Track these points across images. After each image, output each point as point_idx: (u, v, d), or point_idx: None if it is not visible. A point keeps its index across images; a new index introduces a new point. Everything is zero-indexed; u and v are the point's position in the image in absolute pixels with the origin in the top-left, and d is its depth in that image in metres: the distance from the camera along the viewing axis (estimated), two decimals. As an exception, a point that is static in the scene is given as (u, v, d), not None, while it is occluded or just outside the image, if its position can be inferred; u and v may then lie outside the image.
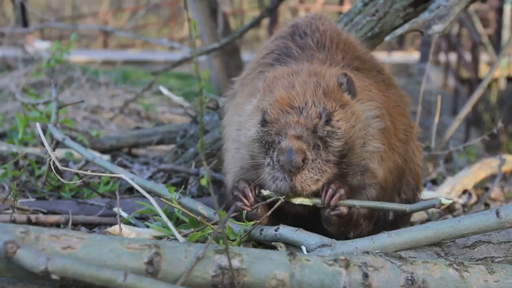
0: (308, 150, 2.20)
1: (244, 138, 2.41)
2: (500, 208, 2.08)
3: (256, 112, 2.41)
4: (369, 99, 2.50)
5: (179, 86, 10.06)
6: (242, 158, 2.44)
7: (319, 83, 2.37)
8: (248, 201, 2.32)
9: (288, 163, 2.15)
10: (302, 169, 2.18)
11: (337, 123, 2.31)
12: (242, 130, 2.44)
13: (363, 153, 2.38)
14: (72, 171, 2.73)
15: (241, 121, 2.48)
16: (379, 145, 2.43)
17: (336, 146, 2.27)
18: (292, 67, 2.54)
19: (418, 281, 1.88)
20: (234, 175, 2.52)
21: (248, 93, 2.63)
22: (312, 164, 2.20)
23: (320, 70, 2.46)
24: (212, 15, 6.61)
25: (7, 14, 17.47)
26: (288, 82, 2.39)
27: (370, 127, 2.42)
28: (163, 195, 2.46)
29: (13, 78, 7.01)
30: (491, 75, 4.29)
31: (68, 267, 1.61)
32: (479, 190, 4.26)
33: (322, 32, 2.76)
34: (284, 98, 2.33)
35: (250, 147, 2.37)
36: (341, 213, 2.27)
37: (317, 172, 2.21)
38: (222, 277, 1.77)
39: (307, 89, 2.34)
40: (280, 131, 2.27)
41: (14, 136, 3.93)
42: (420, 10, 3.28)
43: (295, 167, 2.15)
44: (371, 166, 2.41)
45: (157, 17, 26.87)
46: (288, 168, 2.16)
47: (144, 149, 4.68)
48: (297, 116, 2.28)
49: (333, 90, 2.38)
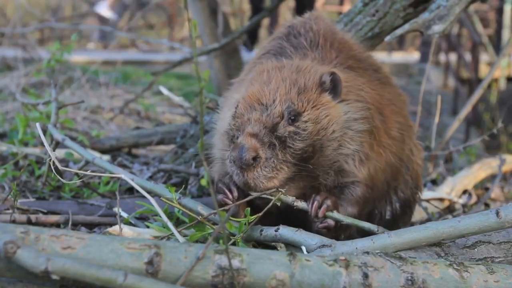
0: (261, 148, 2.21)
1: (220, 130, 2.46)
2: (500, 208, 2.08)
3: (235, 104, 2.44)
4: (357, 99, 2.48)
5: (179, 86, 10.05)
6: (220, 150, 2.47)
7: (296, 81, 2.37)
8: (232, 195, 2.32)
9: (239, 159, 2.18)
10: (253, 167, 2.20)
11: (303, 124, 2.30)
12: (223, 122, 2.49)
13: (336, 155, 2.36)
14: (72, 171, 2.74)
15: (226, 112, 2.52)
16: (358, 147, 2.40)
17: (298, 147, 2.27)
18: (282, 62, 2.53)
19: (418, 281, 1.88)
20: (217, 166, 2.54)
21: (241, 89, 2.65)
22: (265, 162, 2.21)
23: (306, 67, 2.45)
24: (212, 15, 6.60)
25: (7, 14, 17.48)
26: (267, 77, 2.40)
27: (350, 129, 2.39)
28: (163, 195, 2.46)
29: (13, 78, 7.01)
30: (491, 75, 4.29)
31: (68, 267, 1.61)
32: (479, 190, 4.26)
33: (315, 32, 2.76)
34: (255, 94, 2.35)
35: (222, 140, 2.42)
36: (329, 225, 2.28)
37: (271, 170, 2.22)
38: (222, 277, 1.77)
39: (281, 87, 2.34)
40: (240, 127, 2.30)
41: (14, 136, 3.93)
42: (420, 10, 3.29)
43: (245, 164, 2.18)
44: (346, 168, 2.39)
45: (157, 17, 26.86)
46: (239, 164, 2.19)
47: (144, 149, 4.68)
48: (260, 114, 2.29)
49: (310, 89, 2.37)
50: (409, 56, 18.65)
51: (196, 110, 4.53)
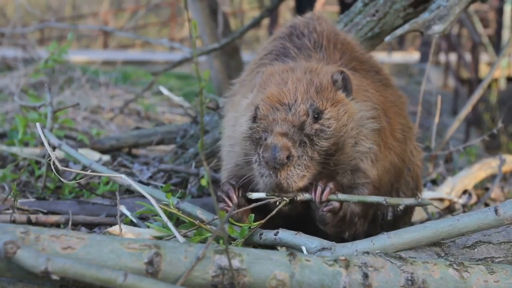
0: (293, 147, 2.20)
1: (238, 134, 2.42)
2: (498, 206, 2.08)
3: (250, 108, 2.42)
4: (365, 99, 2.50)
5: (179, 86, 10.05)
6: (236, 154, 2.45)
7: (312, 81, 2.37)
8: (232, 202, 2.32)
9: (273, 160, 2.15)
10: (287, 166, 2.18)
11: (327, 122, 2.30)
12: (236, 127, 2.45)
13: (353, 153, 2.38)
14: (72, 171, 2.73)
15: (236, 117, 2.50)
16: (372, 145, 2.42)
17: (324, 145, 2.27)
18: (289, 64, 2.54)
19: (418, 282, 1.88)
20: (228, 172, 2.53)
21: (246, 91, 2.65)
22: (297, 161, 2.20)
23: (316, 67, 2.46)
24: (212, 15, 6.61)
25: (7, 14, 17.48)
26: (281, 78, 2.40)
27: (364, 127, 2.41)
28: (162, 200, 2.45)
29: (13, 78, 7.01)
30: (491, 75, 4.29)
31: (68, 267, 1.61)
32: (479, 190, 4.26)
33: (319, 33, 2.76)
34: (275, 94, 2.33)
35: (243, 144, 2.38)
36: (334, 207, 2.26)
37: (303, 168, 2.21)
38: (222, 277, 1.77)
39: (299, 86, 2.34)
40: (267, 128, 2.28)
41: (14, 137, 3.93)
42: (420, 11, 3.28)
43: (279, 163, 2.15)
44: (362, 166, 2.41)
45: (157, 17, 26.88)
46: (272, 165, 2.16)
47: (144, 149, 4.68)
48: (285, 113, 2.28)
49: (326, 87, 2.37)
50: (409, 56, 18.67)
51: (196, 110, 4.53)
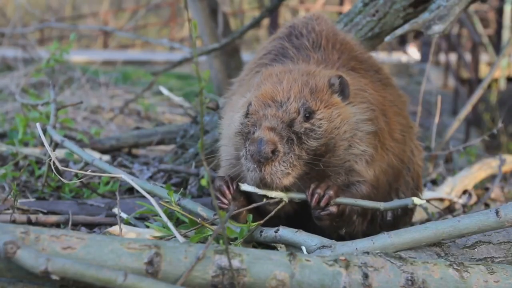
0: (280, 142, 2.18)
1: (231, 131, 2.42)
2: (499, 208, 2.08)
3: (244, 106, 2.43)
4: (362, 101, 2.49)
5: (179, 86, 10.05)
6: (230, 152, 2.45)
7: (308, 82, 2.38)
8: (226, 198, 2.31)
9: (257, 153, 2.13)
10: (271, 161, 2.16)
11: (318, 122, 2.30)
12: (231, 124, 2.46)
13: (347, 155, 2.37)
14: (72, 171, 2.73)
15: (232, 116, 2.50)
16: (366, 148, 2.41)
17: (312, 144, 2.26)
18: (289, 66, 2.55)
19: (418, 282, 1.88)
20: (224, 169, 2.53)
21: (244, 91, 2.65)
22: (283, 157, 2.18)
23: (314, 70, 2.47)
24: (212, 15, 6.61)
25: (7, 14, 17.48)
26: (278, 78, 2.41)
27: (359, 130, 2.41)
28: (163, 197, 2.45)
29: (13, 78, 7.01)
30: (491, 75, 4.29)
31: (68, 268, 1.61)
32: (479, 190, 4.26)
33: (318, 33, 2.76)
34: (269, 92, 2.34)
35: (234, 140, 2.38)
36: (331, 212, 2.26)
37: (288, 166, 2.19)
38: (222, 277, 1.77)
39: (294, 86, 2.35)
40: (256, 122, 2.27)
41: (14, 136, 3.93)
42: (420, 11, 3.29)
43: (263, 157, 2.13)
44: (357, 168, 2.40)
45: (157, 17, 26.87)
46: (257, 158, 2.14)
47: (144, 149, 4.68)
48: (276, 109, 2.28)
49: (321, 89, 2.38)
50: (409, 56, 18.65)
51: (196, 110, 4.53)
